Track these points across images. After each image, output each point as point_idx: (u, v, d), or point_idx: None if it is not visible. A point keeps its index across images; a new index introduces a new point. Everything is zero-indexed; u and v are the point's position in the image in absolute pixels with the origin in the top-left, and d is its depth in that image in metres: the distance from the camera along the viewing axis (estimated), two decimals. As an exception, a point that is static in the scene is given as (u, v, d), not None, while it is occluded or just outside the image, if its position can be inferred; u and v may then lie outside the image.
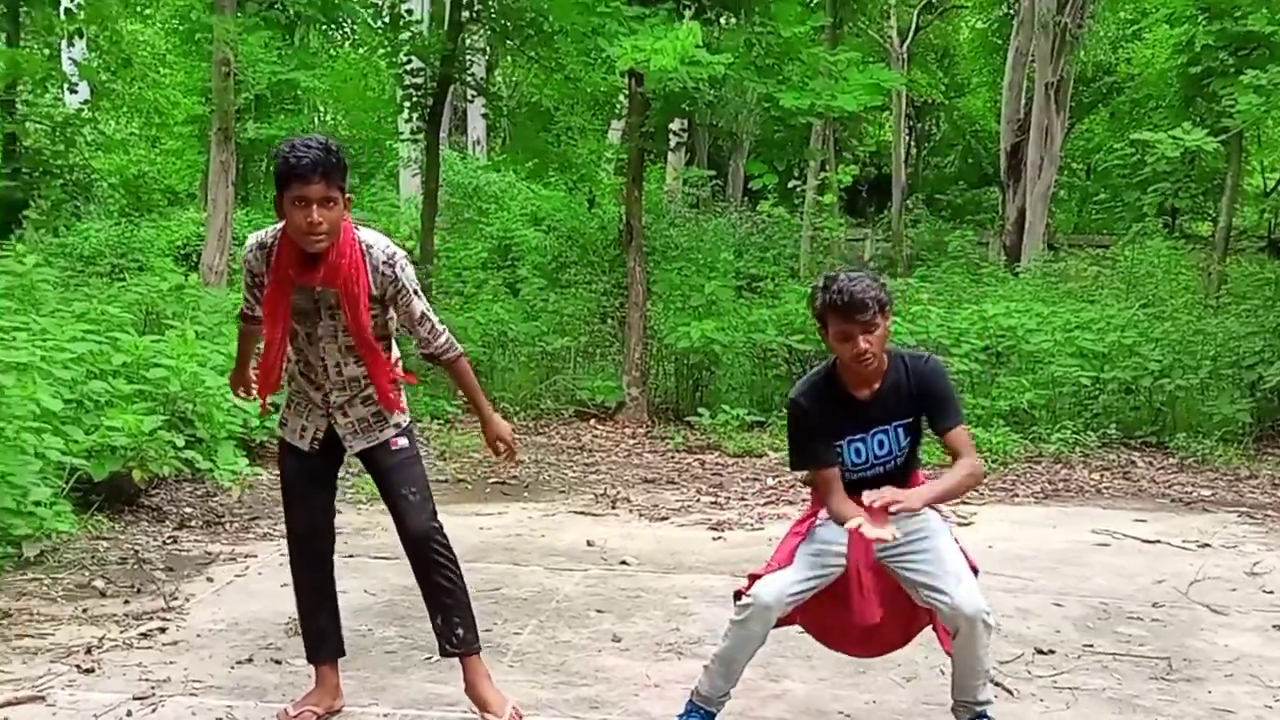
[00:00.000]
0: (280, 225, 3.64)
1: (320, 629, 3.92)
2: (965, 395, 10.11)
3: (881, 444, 3.73)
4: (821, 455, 3.77)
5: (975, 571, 3.77)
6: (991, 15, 23.60)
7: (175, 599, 5.13)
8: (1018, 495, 8.17)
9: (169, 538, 6.18)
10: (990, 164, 21.95)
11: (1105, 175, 23.11)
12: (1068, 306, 11.68)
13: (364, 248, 3.64)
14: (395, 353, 3.89)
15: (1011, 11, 20.85)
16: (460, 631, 3.88)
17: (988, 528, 7.02)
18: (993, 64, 23.27)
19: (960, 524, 7.13)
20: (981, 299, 12.15)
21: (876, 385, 3.71)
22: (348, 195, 3.61)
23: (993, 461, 9.05)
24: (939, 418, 3.74)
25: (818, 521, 3.80)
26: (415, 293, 3.76)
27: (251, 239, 3.75)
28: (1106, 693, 4.40)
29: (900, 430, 3.73)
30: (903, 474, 3.80)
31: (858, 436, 3.72)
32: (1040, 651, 4.84)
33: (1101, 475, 8.87)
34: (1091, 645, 4.94)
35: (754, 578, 3.75)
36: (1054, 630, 5.13)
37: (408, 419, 3.91)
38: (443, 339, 3.85)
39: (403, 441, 3.84)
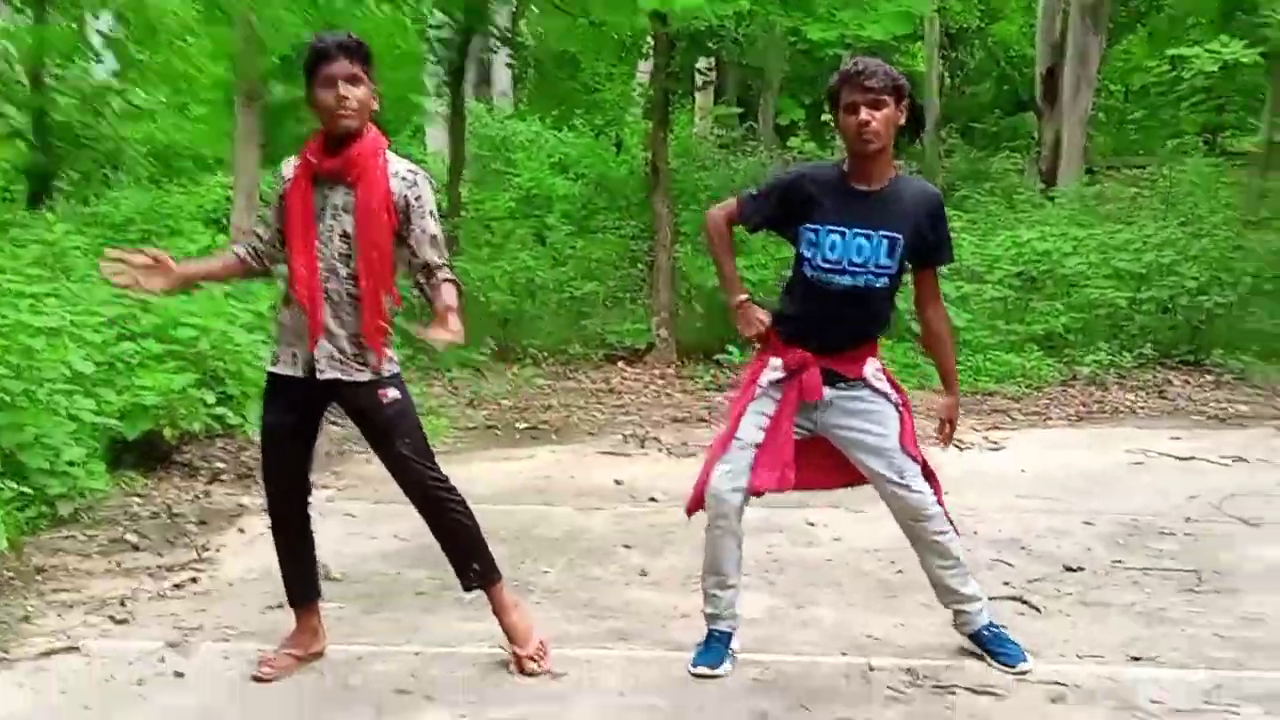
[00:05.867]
0: None
1: (300, 575, 3.95)
2: (998, 322, 10.02)
3: (860, 250, 3.63)
4: (763, 212, 3.81)
5: (921, 464, 3.80)
6: (1025, -64, 23.07)
7: (207, 550, 5.20)
8: (1051, 418, 8.10)
9: (201, 492, 6.26)
10: (1026, 90, 21.53)
11: (1143, 95, 22.66)
12: (1105, 229, 11.49)
13: (386, 157, 3.64)
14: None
15: (1045, -69, 20.34)
16: (476, 566, 3.90)
17: (1020, 451, 6.99)
18: (1027, -13, 22.78)
19: (991, 449, 7.10)
20: (1016, 225, 12.00)
21: (877, 186, 3.67)
22: (375, 84, 3.60)
23: (1026, 386, 8.99)
24: (933, 249, 3.76)
25: (754, 393, 3.79)
26: (431, 213, 3.67)
27: (289, 158, 3.75)
28: (1135, 607, 4.38)
29: (884, 245, 3.64)
30: (869, 313, 3.75)
31: (838, 228, 3.64)
32: (1069, 569, 4.83)
33: (1137, 395, 8.78)
34: (1121, 561, 4.92)
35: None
36: (1084, 549, 5.12)
37: (396, 367, 3.77)
38: (449, 266, 3.70)
39: (394, 393, 3.73)
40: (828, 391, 3.72)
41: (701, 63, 15.98)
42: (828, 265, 3.66)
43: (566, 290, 11.49)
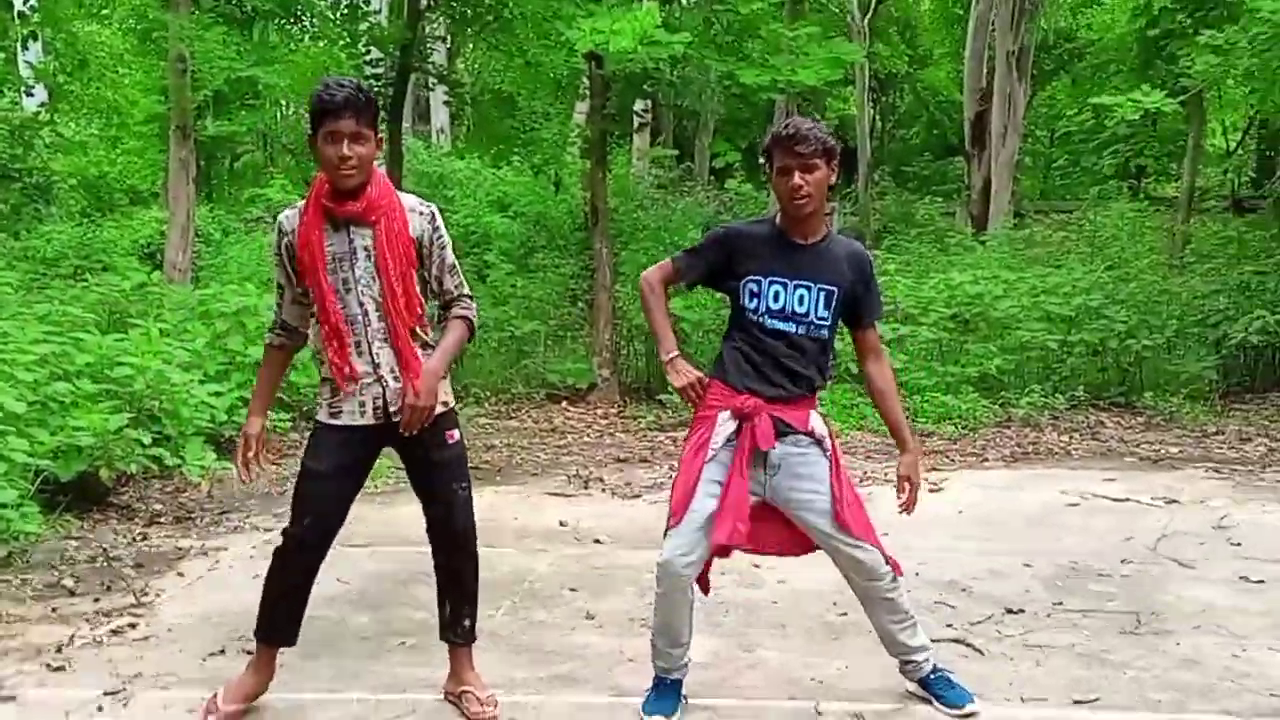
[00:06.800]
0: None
1: (288, 620, 3.86)
2: (934, 364, 10.17)
3: (801, 299, 3.69)
4: (700, 267, 3.83)
5: (859, 505, 3.81)
6: (951, -15, 23.64)
7: (146, 595, 5.10)
8: (987, 460, 8.21)
9: (139, 535, 6.14)
10: (955, 135, 21.99)
11: (1066, 141, 23.22)
12: (1034, 272, 11.74)
13: (398, 196, 3.65)
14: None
15: (971, -19, 20.85)
16: (467, 623, 3.90)
17: (957, 493, 7.06)
18: (954, 34, 23.31)
19: (931, 490, 7.18)
20: (948, 268, 12.20)
21: (813, 239, 3.74)
22: (379, 137, 3.60)
23: (962, 427, 9.11)
24: (865, 306, 3.81)
25: (707, 456, 3.70)
26: (448, 244, 3.72)
27: (285, 210, 3.72)
28: (1076, 648, 4.44)
29: (822, 296, 3.70)
30: (809, 367, 3.73)
31: (780, 279, 3.69)
32: (1010, 611, 4.88)
33: (1070, 437, 8.93)
34: (1061, 603, 4.99)
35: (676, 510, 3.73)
36: (1024, 590, 5.18)
37: (454, 402, 3.79)
38: (467, 295, 3.79)
39: (457, 433, 3.74)
40: (778, 446, 3.68)
41: (638, 104, 16.14)
42: (771, 313, 3.71)
43: (507, 329, 11.47)
